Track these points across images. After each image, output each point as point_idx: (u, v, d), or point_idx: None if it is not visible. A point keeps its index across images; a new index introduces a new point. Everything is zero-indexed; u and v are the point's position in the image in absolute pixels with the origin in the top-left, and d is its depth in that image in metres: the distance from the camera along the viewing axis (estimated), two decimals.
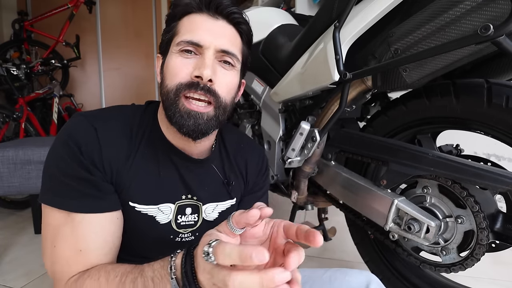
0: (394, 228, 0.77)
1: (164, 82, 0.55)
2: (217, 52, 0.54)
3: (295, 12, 1.80)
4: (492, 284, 1.25)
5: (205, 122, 0.53)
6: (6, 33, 3.23)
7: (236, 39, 0.58)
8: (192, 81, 0.52)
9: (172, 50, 0.55)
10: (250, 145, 0.74)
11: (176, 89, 0.53)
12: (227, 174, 0.67)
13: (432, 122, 0.78)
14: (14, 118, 2.16)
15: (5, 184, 1.20)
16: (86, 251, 0.49)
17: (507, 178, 0.62)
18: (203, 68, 0.51)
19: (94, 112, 0.57)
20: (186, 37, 0.53)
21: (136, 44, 3.55)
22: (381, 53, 0.71)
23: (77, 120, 0.54)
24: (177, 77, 0.53)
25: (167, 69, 0.55)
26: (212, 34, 0.54)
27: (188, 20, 0.55)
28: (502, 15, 0.51)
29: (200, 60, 0.53)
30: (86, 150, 0.51)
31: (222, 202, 0.65)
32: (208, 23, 0.54)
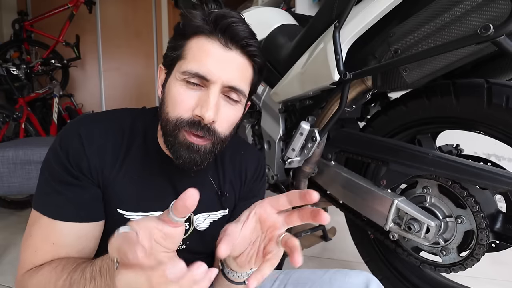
0: (394, 228, 0.77)
1: (165, 107, 0.52)
2: (224, 88, 0.50)
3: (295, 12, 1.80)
4: (492, 284, 1.25)
5: (201, 155, 0.52)
6: (6, 33, 3.23)
7: (247, 71, 0.53)
8: (193, 120, 0.49)
9: (176, 76, 0.51)
10: (248, 151, 0.72)
11: (176, 122, 0.50)
12: (221, 184, 0.65)
13: (432, 122, 0.78)
14: (14, 118, 2.16)
15: (5, 184, 1.20)
16: (57, 245, 0.49)
17: (507, 178, 0.62)
18: (205, 109, 0.48)
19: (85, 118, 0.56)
20: (192, 68, 0.49)
21: (136, 44, 3.55)
22: (381, 53, 0.71)
23: (67, 126, 0.54)
24: (178, 109, 0.50)
25: (168, 94, 0.52)
26: (221, 67, 0.49)
27: (197, 44, 0.50)
28: (502, 15, 0.51)
29: (204, 95, 0.49)
30: (73, 156, 0.51)
31: (214, 213, 0.64)
32: (218, 53, 0.49)
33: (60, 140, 0.52)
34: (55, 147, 0.52)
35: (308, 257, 1.42)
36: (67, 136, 0.52)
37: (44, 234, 0.50)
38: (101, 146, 0.53)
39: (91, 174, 0.52)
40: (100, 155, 0.52)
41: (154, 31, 3.56)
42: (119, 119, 0.58)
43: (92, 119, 0.56)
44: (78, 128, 0.53)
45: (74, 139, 0.52)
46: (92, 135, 0.53)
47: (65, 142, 0.52)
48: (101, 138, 0.53)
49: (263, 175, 0.73)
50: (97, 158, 0.52)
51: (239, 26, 0.50)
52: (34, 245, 0.50)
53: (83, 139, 0.52)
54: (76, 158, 0.51)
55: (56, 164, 0.51)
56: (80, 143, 0.51)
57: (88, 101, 3.50)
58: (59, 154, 0.51)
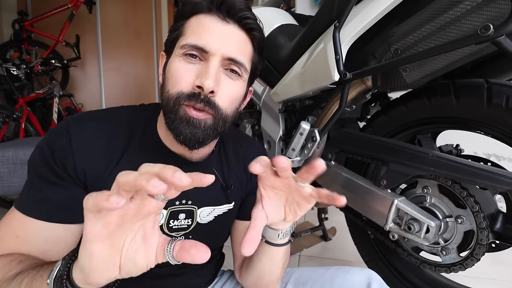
0: (394, 228, 0.77)
1: (166, 87, 0.52)
2: (224, 60, 0.50)
3: (295, 12, 1.80)
4: (492, 284, 1.25)
5: (202, 130, 0.50)
6: (6, 33, 3.23)
7: (246, 46, 0.53)
8: (193, 92, 0.49)
9: (175, 53, 0.51)
10: (250, 144, 0.72)
11: (177, 97, 0.49)
12: (226, 178, 0.64)
13: (432, 122, 0.78)
14: (14, 118, 2.16)
15: (5, 184, 1.20)
16: (21, 240, 0.48)
17: (507, 178, 0.62)
18: (205, 78, 0.48)
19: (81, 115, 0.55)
20: (191, 40, 0.49)
21: (136, 44, 3.55)
22: (381, 53, 0.71)
23: (59, 124, 0.52)
24: (178, 84, 0.49)
25: (169, 72, 0.52)
26: (220, 40, 0.49)
27: (196, 21, 0.51)
28: (502, 15, 0.51)
29: (203, 67, 0.49)
30: (58, 155, 0.49)
31: (219, 206, 0.63)
32: (217, 26, 0.50)
33: (48, 137, 0.51)
34: (41, 144, 0.50)
35: (308, 257, 1.42)
36: (56, 133, 0.51)
37: (12, 226, 0.49)
38: (92, 145, 0.51)
39: (76, 174, 0.50)
40: (89, 154, 0.50)
41: (154, 31, 3.56)
42: (116, 116, 0.56)
43: (86, 117, 0.54)
44: (68, 125, 0.51)
45: (62, 136, 0.50)
46: (82, 133, 0.51)
47: (52, 139, 0.50)
48: (93, 136, 0.51)
49: None
50: (86, 157, 0.50)
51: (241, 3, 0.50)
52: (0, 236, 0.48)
53: (72, 136, 0.50)
54: (61, 156, 0.49)
55: (40, 161, 0.49)
56: (68, 141, 0.49)
57: (88, 101, 3.51)
58: (45, 151, 0.49)
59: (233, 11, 0.50)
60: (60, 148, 0.49)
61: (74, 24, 2.94)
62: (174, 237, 0.59)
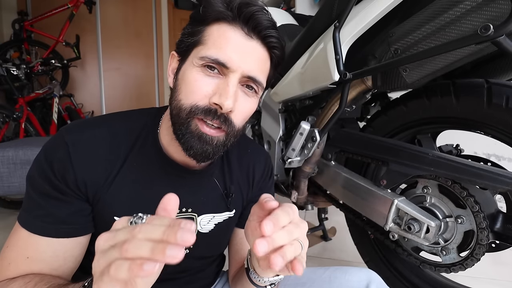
0: (394, 228, 0.77)
1: (178, 95, 0.50)
2: (243, 77, 0.48)
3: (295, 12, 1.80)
4: (492, 284, 1.25)
5: (213, 147, 0.49)
6: (6, 33, 3.23)
7: (266, 64, 0.52)
8: (210, 108, 0.47)
9: (193, 62, 0.48)
10: (256, 149, 0.70)
11: (191, 110, 0.48)
12: (228, 185, 0.63)
13: (432, 122, 0.78)
14: (14, 118, 2.16)
15: (5, 184, 1.20)
16: (32, 260, 0.47)
17: (507, 178, 0.62)
18: (224, 98, 0.46)
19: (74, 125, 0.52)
20: (212, 54, 0.47)
21: (136, 44, 3.55)
22: (381, 53, 0.71)
23: (55, 135, 0.51)
24: (193, 96, 0.48)
25: (183, 80, 0.49)
26: (242, 56, 0.47)
27: (218, 30, 0.48)
28: (502, 15, 0.51)
29: (222, 83, 0.47)
30: (58, 168, 0.47)
31: (219, 214, 0.62)
32: (240, 41, 0.47)
33: (46, 150, 0.49)
34: (39, 158, 0.49)
35: (308, 257, 1.42)
36: (53, 145, 0.49)
37: (20, 247, 0.47)
38: (91, 155, 0.49)
39: (77, 187, 0.48)
40: (89, 165, 0.49)
41: (154, 31, 3.56)
42: (113, 124, 0.54)
43: (82, 125, 0.52)
44: (65, 135, 0.49)
45: (59, 149, 0.48)
46: (80, 143, 0.49)
47: (50, 152, 0.48)
48: (91, 146, 0.50)
49: (271, 174, 0.71)
50: (86, 168, 0.49)
51: (262, 15, 0.48)
52: (8, 257, 0.47)
53: (70, 148, 0.48)
54: (60, 169, 0.47)
55: (40, 176, 0.48)
56: (66, 153, 0.48)
57: (88, 101, 3.51)
58: (43, 165, 0.48)
59: (259, 28, 0.48)
60: (59, 161, 0.48)
61: (74, 24, 2.94)
62: None
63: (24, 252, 0.47)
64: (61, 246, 0.48)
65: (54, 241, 0.48)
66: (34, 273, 0.47)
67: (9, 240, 0.49)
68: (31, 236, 0.47)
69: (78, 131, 0.51)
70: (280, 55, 0.53)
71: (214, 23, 0.48)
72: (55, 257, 0.48)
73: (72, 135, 0.49)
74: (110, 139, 0.52)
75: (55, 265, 0.48)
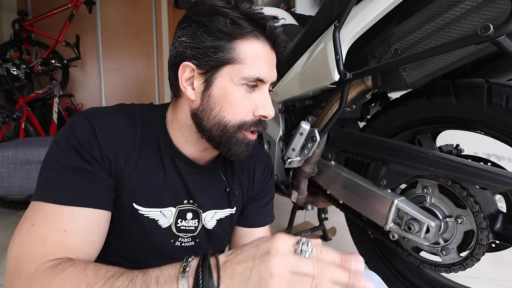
0: (394, 228, 0.77)
1: (219, 112, 0.53)
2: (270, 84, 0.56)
3: (295, 12, 1.80)
4: (492, 284, 1.25)
5: (253, 145, 0.57)
6: (6, 33, 3.22)
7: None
8: (258, 120, 0.55)
9: (234, 80, 0.51)
10: (257, 149, 0.71)
11: (239, 125, 0.53)
12: (230, 182, 0.65)
13: (432, 122, 0.78)
14: (14, 118, 2.16)
15: (5, 184, 1.20)
16: (69, 233, 0.45)
17: (507, 178, 0.62)
18: (269, 109, 0.54)
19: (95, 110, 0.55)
20: (254, 74, 0.52)
21: (136, 44, 3.55)
22: (381, 53, 0.71)
23: (76, 119, 0.52)
24: (241, 113, 0.53)
25: (225, 99, 0.52)
26: (271, 69, 0.55)
27: (250, 48, 0.52)
28: (502, 15, 0.51)
29: (261, 96, 0.54)
30: (85, 144, 0.49)
31: (221, 210, 0.64)
32: (268, 56, 0.54)
33: (71, 128, 0.50)
34: (66, 135, 0.50)
35: None
36: (78, 125, 0.51)
37: (52, 221, 0.45)
38: (114, 138, 0.52)
39: (103, 161, 0.50)
40: (113, 146, 0.51)
41: (154, 31, 3.56)
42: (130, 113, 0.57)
43: (102, 111, 0.55)
44: (89, 118, 0.51)
45: (86, 128, 0.50)
46: (104, 126, 0.51)
47: (76, 130, 0.50)
48: (114, 130, 0.52)
49: (272, 174, 0.73)
50: (110, 148, 0.51)
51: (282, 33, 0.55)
52: (40, 234, 0.44)
53: (96, 128, 0.50)
54: (88, 144, 0.49)
55: (70, 151, 0.48)
56: (92, 131, 0.50)
57: (88, 101, 3.50)
58: (71, 140, 0.49)
59: (280, 44, 0.55)
60: (86, 137, 0.49)
61: (74, 24, 2.94)
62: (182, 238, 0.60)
63: (58, 226, 0.45)
64: (95, 218, 0.48)
65: (89, 212, 0.48)
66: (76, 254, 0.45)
67: (32, 218, 0.46)
68: (63, 209, 0.46)
69: (101, 115, 0.53)
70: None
71: (243, 39, 0.51)
72: (91, 229, 0.48)
73: (96, 119, 0.52)
74: (130, 130, 0.54)
75: (92, 238, 0.48)
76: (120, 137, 0.53)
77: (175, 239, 0.60)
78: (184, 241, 0.61)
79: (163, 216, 0.57)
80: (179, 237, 0.60)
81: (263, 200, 0.71)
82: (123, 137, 0.53)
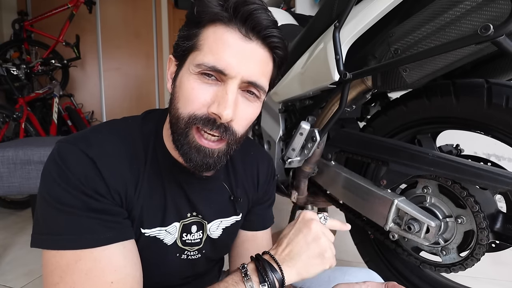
0: (394, 228, 0.77)
1: (176, 102, 0.48)
2: (243, 83, 0.46)
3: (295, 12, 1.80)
4: (492, 284, 1.25)
5: (215, 159, 0.48)
6: (6, 33, 3.22)
7: (267, 66, 0.49)
8: (208, 117, 0.45)
9: (189, 68, 0.46)
10: (259, 152, 0.69)
11: (189, 120, 0.46)
12: (234, 189, 0.62)
13: (432, 122, 0.78)
14: (14, 118, 2.16)
15: (5, 184, 1.20)
16: (118, 282, 0.42)
17: (507, 178, 0.62)
18: (223, 107, 0.43)
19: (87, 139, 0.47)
20: (208, 61, 0.44)
21: (136, 44, 3.55)
22: (381, 53, 0.71)
23: (68, 151, 0.45)
24: (191, 105, 0.45)
25: (180, 88, 0.47)
26: (241, 61, 0.44)
27: (214, 34, 0.45)
28: (502, 15, 0.51)
29: (221, 91, 0.45)
30: (87, 182, 0.44)
31: (226, 218, 0.61)
32: (238, 45, 0.44)
33: (66, 164, 0.44)
34: (65, 175, 0.43)
35: None
36: (73, 164, 0.44)
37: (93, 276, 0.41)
38: (117, 168, 0.47)
39: (112, 196, 0.46)
40: (118, 177, 0.47)
41: (154, 31, 3.56)
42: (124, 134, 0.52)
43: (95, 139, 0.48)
44: (84, 150, 0.45)
45: (84, 164, 0.44)
46: (103, 158, 0.46)
47: (74, 166, 0.44)
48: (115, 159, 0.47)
49: (274, 175, 0.72)
50: (116, 180, 0.46)
51: (262, 14, 0.44)
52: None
53: (97, 163, 0.45)
54: (91, 183, 0.44)
55: (75, 190, 0.43)
56: (93, 167, 0.44)
57: (88, 101, 3.50)
58: (70, 178, 0.43)
59: (259, 27, 0.44)
60: (87, 176, 0.44)
61: (74, 24, 2.94)
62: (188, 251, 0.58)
63: (103, 279, 0.41)
64: (128, 250, 0.46)
65: (124, 247, 0.45)
66: None
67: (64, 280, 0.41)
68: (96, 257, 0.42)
69: (97, 146, 0.47)
70: (283, 55, 0.50)
71: (209, 25, 0.45)
72: (132, 264, 0.45)
73: (93, 150, 0.46)
74: (129, 154, 0.50)
75: (137, 273, 0.45)
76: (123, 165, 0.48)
77: (181, 252, 0.57)
78: (190, 254, 0.58)
79: (168, 234, 0.54)
80: (185, 251, 0.58)
81: (267, 202, 0.70)
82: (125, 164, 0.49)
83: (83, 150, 0.45)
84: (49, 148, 1.26)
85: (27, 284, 1.20)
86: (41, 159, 1.22)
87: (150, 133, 0.54)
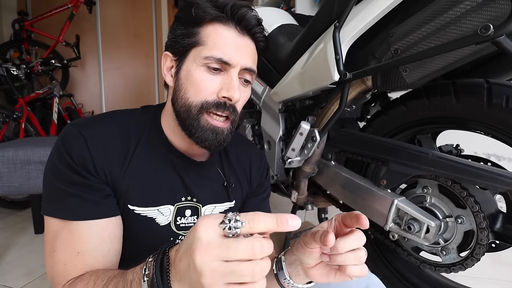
0: (394, 228, 0.77)
1: (183, 93, 0.55)
2: (241, 70, 0.55)
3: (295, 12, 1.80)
4: (492, 284, 1.25)
5: (224, 136, 0.56)
6: (6, 33, 3.22)
7: (255, 55, 0.59)
8: (219, 101, 0.54)
9: (196, 61, 0.54)
10: (251, 146, 0.75)
11: (201, 106, 0.54)
12: (227, 176, 0.67)
13: (432, 122, 0.78)
14: (14, 118, 2.16)
15: (5, 184, 1.20)
16: (83, 253, 0.49)
17: (507, 178, 0.62)
18: (232, 91, 0.53)
19: (85, 120, 0.56)
20: (215, 54, 0.52)
21: (136, 44, 3.55)
22: (381, 53, 0.71)
23: (67, 131, 0.53)
24: (202, 94, 0.53)
25: (188, 80, 0.54)
26: (240, 52, 0.54)
27: (215, 31, 0.54)
28: (502, 15, 0.51)
29: (226, 79, 0.54)
30: (78, 158, 0.50)
31: (220, 204, 0.65)
32: (236, 40, 0.54)
33: (63, 142, 0.52)
34: (57, 152, 0.52)
35: None
36: (69, 138, 0.52)
37: (66, 244, 0.49)
38: (106, 146, 0.53)
39: (97, 173, 0.51)
40: (105, 155, 0.52)
41: (154, 31, 3.56)
42: (121, 118, 0.58)
43: (93, 121, 0.56)
44: (79, 129, 0.52)
45: (77, 142, 0.51)
46: (95, 135, 0.53)
47: (69, 144, 0.51)
48: (106, 139, 0.54)
49: (267, 170, 0.76)
50: (103, 158, 0.52)
51: (251, 15, 0.55)
52: (62, 259, 0.49)
53: (88, 141, 0.51)
54: (81, 160, 0.50)
55: (65, 167, 0.50)
56: (84, 145, 0.51)
57: (88, 101, 3.50)
58: (65, 158, 0.50)
59: (250, 26, 0.55)
60: (78, 152, 0.51)
61: (74, 24, 2.94)
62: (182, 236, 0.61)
63: (72, 248, 0.49)
64: (103, 230, 0.51)
65: (95, 224, 0.50)
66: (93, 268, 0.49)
67: (53, 243, 0.50)
68: (71, 227, 0.49)
69: (92, 126, 0.54)
70: (265, 46, 0.61)
71: (208, 24, 0.54)
72: (102, 241, 0.51)
73: (88, 130, 0.53)
74: (121, 135, 0.56)
75: (104, 249, 0.51)
76: (112, 144, 0.54)
77: (176, 237, 0.60)
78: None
79: (161, 214, 0.58)
80: (179, 235, 0.61)
81: (262, 195, 0.74)
82: (115, 143, 0.54)
83: (79, 130, 0.52)
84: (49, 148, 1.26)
85: (27, 284, 1.20)
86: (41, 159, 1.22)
87: (147, 120, 0.60)
